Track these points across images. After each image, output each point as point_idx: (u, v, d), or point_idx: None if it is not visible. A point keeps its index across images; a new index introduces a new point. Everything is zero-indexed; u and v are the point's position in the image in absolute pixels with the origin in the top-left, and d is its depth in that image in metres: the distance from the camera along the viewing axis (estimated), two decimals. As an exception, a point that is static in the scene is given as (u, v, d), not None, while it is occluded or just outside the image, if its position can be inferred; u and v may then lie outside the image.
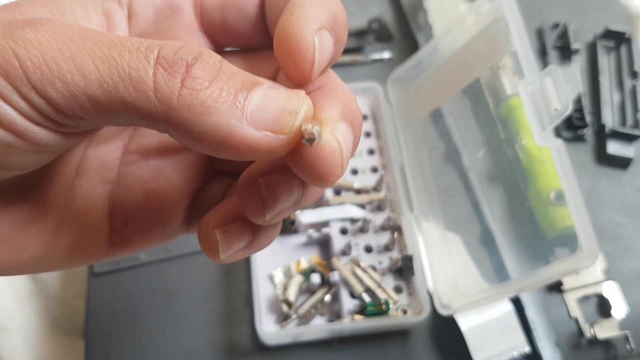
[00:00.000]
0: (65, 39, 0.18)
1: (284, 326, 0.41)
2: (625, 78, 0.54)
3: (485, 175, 0.47)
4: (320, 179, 0.19)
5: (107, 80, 0.17)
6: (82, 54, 0.18)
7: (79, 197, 0.23)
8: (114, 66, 0.18)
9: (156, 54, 0.18)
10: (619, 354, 0.43)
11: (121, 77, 0.17)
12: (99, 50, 0.18)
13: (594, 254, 0.33)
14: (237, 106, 0.18)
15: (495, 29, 0.41)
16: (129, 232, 0.24)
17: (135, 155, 0.24)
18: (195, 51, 0.18)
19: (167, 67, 0.18)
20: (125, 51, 0.18)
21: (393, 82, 0.49)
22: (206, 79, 0.18)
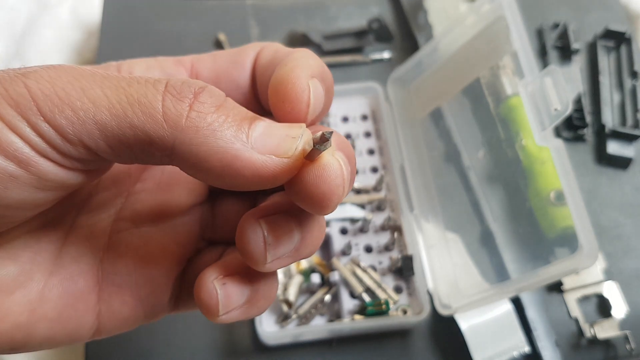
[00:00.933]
0: (75, 74, 0.18)
1: (284, 326, 0.41)
2: (625, 78, 0.54)
3: (485, 175, 0.47)
4: (322, 201, 0.19)
5: (115, 105, 0.18)
6: (91, 85, 0.18)
7: (67, 265, 0.22)
8: (123, 93, 0.18)
9: (164, 84, 0.19)
10: (619, 354, 0.43)
11: (130, 102, 0.18)
12: (108, 82, 0.18)
13: (594, 254, 0.33)
14: (242, 131, 0.18)
15: (495, 29, 0.41)
16: (117, 303, 0.23)
17: (127, 223, 0.24)
18: (202, 83, 0.19)
19: (175, 94, 0.18)
20: (134, 82, 0.19)
21: (393, 82, 0.49)
22: (213, 105, 0.19)
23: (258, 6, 0.57)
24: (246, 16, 0.56)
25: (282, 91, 0.21)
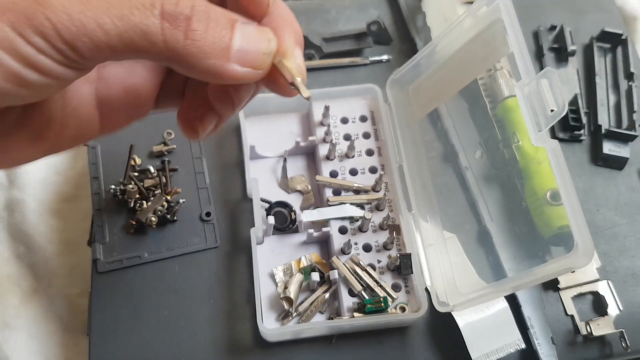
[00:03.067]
0: (84, 1, 0.22)
1: (284, 323, 0.42)
2: (621, 79, 0.55)
3: (483, 176, 0.48)
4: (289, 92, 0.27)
5: (124, 35, 0.22)
6: (101, 14, 0.22)
7: (72, 98, 0.28)
8: (129, 23, 0.23)
9: (159, 8, 0.23)
10: (614, 352, 0.44)
11: (136, 32, 0.23)
12: (113, 9, 0.22)
13: (589, 253, 0.33)
14: (226, 49, 0.24)
15: (492, 32, 0.42)
16: (114, 117, 0.30)
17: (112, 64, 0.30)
18: (190, 4, 0.24)
19: (171, 22, 0.23)
20: (134, 9, 0.23)
21: (392, 84, 0.50)
22: (202, 30, 0.24)
23: (259, 8, 0.57)
24: (247, 18, 0.56)
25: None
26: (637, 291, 0.46)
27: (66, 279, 0.49)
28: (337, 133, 0.49)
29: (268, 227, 0.44)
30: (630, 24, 0.62)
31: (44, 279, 0.49)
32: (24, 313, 0.47)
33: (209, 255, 0.45)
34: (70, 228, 0.50)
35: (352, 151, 0.48)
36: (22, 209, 0.51)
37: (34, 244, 0.50)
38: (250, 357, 0.42)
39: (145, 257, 0.44)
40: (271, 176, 0.48)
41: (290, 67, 0.26)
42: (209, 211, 0.46)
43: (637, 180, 0.51)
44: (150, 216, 0.44)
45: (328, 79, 0.54)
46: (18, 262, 0.49)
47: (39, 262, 0.49)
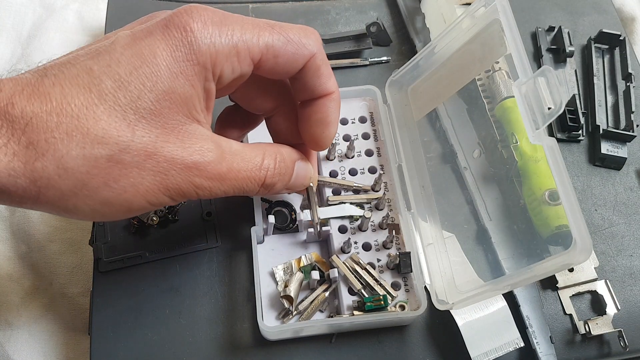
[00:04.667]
0: (221, 178, 0.34)
1: (284, 322, 0.42)
2: (619, 80, 0.55)
3: (481, 175, 0.48)
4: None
5: (231, 192, 0.34)
6: (229, 189, 0.34)
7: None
8: (239, 190, 0.34)
9: (262, 182, 0.35)
10: (612, 351, 0.44)
11: (239, 191, 0.34)
12: (237, 183, 0.34)
13: (587, 249, 0.33)
14: (285, 186, 0.38)
15: (490, 32, 0.42)
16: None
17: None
18: (278, 177, 0.36)
19: (265, 188, 0.36)
20: (248, 182, 0.34)
21: (391, 85, 0.50)
22: (278, 185, 0.37)
23: (259, 10, 0.58)
24: (247, 20, 0.57)
25: (318, 146, 0.40)
26: (635, 290, 0.46)
27: (68, 278, 0.49)
28: (336, 134, 0.49)
29: (268, 226, 0.45)
30: (628, 25, 0.63)
31: (46, 278, 0.49)
32: (25, 312, 0.47)
33: (210, 254, 0.45)
34: (72, 227, 0.51)
35: (352, 151, 0.48)
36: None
37: (35, 243, 0.50)
38: (250, 355, 0.42)
39: (146, 256, 0.44)
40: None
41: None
42: (209, 211, 0.46)
43: (635, 180, 0.51)
44: (152, 216, 0.44)
45: (328, 80, 0.54)
46: (20, 261, 0.49)
47: (41, 261, 0.49)
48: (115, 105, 0.28)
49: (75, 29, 0.60)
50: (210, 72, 0.31)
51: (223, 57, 0.31)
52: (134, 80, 0.29)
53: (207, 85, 0.31)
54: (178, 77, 0.30)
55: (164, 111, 0.30)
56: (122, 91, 0.29)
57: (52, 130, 0.27)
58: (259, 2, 0.58)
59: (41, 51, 0.57)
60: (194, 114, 0.31)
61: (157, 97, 0.29)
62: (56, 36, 0.58)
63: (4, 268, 0.49)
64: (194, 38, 0.30)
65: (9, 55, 0.58)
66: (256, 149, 0.35)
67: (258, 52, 0.33)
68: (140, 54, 0.29)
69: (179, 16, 0.30)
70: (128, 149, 0.29)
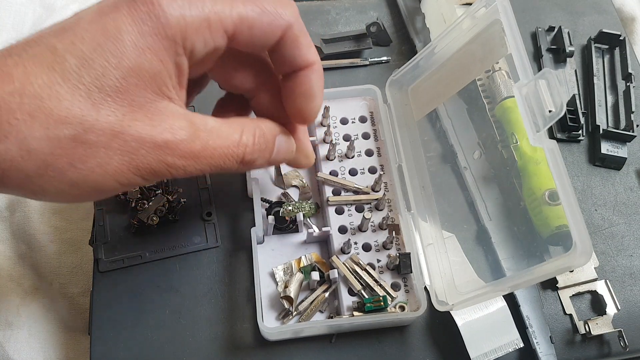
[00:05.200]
0: (194, 156, 0.32)
1: (284, 322, 0.42)
2: (619, 80, 0.55)
3: (481, 176, 0.48)
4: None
5: (208, 170, 0.32)
6: (205, 166, 0.32)
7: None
8: (217, 167, 0.32)
9: (241, 159, 0.33)
10: (612, 351, 0.44)
11: (217, 169, 0.32)
12: (213, 160, 0.32)
13: (588, 252, 0.33)
14: (267, 161, 0.36)
15: (491, 33, 0.42)
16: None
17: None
18: (258, 153, 0.35)
19: (244, 164, 0.34)
20: (226, 159, 0.32)
21: (391, 85, 0.50)
22: (259, 161, 0.35)
23: (259, 10, 0.57)
24: (247, 20, 0.57)
25: (304, 119, 0.37)
26: (635, 290, 0.46)
27: (68, 278, 0.49)
28: (336, 133, 0.49)
29: (268, 226, 0.45)
30: (627, 25, 0.63)
31: (46, 278, 0.49)
32: (25, 312, 0.48)
33: (210, 254, 0.45)
34: (72, 227, 0.51)
35: (352, 151, 0.48)
36: (24, 208, 0.51)
37: (35, 244, 0.50)
38: (250, 355, 0.42)
39: (146, 256, 0.44)
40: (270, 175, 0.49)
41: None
42: (209, 211, 0.46)
43: (635, 180, 0.51)
44: (152, 216, 0.44)
45: (328, 79, 0.54)
46: (20, 262, 0.49)
47: (41, 261, 0.49)
48: (79, 84, 0.28)
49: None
50: (180, 46, 0.30)
51: (193, 30, 0.30)
52: (98, 58, 0.28)
53: (178, 60, 0.30)
54: (145, 53, 0.29)
55: (130, 88, 0.29)
56: (86, 69, 0.28)
57: (14, 111, 0.27)
58: (259, 2, 0.58)
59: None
60: (164, 91, 0.30)
61: (123, 74, 0.28)
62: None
63: (4, 268, 0.49)
64: (161, 11, 0.29)
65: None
66: (234, 124, 0.34)
67: (231, 24, 0.31)
68: (105, 30, 0.28)
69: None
70: (93, 128, 0.28)
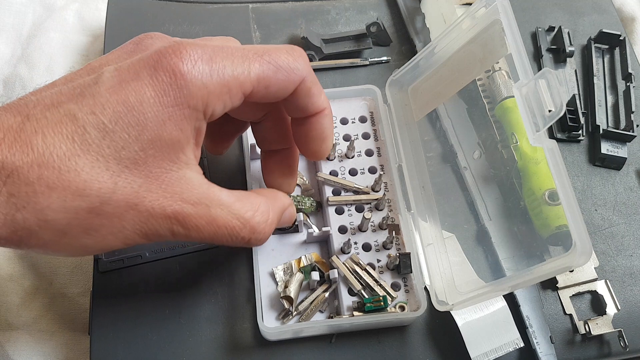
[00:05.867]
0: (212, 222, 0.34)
1: (284, 322, 0.42)
2: (619, 80, 0.55)
3: (481, 176, 0.48)
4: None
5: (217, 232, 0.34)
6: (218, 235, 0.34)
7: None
8: (223, 242, 0.35)
9: (249, 229, 0.35)
10: (612, 351, 0.44)
11: (222, 243, 0.35)
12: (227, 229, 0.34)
13: (587, 252, 0.33)
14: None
15: (490, 33, 0.42)
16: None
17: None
18: (273, 226, 0.37)
19: (251, 244, 0.36)
20: (232, 238, 0.34)
21: (391, 85, 0.50)
22: (264, 238, 0.36)
23: (260, 10, 0.57)
24: (248, 20, 0.57)
25: (317, 157, 0.40)
26: (635, 290, 0.46)
27: (68, 278, 0.49)
28: (336, 133, 0.49)
29: (268, 226, 0.45)
30: (628, 25, 0.63)
31: (46, 278, 0.49)
32: (25, 312, 0.47)
33: (210, 254, 0.45)
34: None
35: (352, 151, 0.48)
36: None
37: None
38: (250, 355, 0.42)
39: (146, 256, 0.44)
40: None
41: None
42: (209, 211, 0.46)
43: (635, 180, 0.51)
44: (152, 216, 0.44)
45: (328, 79, 0.54)
46: (20, 261, 0.49)
47: (41, 261, 0.49)
48: (98, 156, 0.28)
49: (75, 29, 0.60)
50: (201, 113, 0.30)
51: (215, 97, 0.30)
52: (119, 130, 0.28)
53: (197, 125, 0.31)
54: (166, 124, 0.29)
55: (149, 160, 0.29)
56: (107, 141, 0.28)
57: (33, 183, 0.27)
58: (259, 2, 0.58)
59: (41, 51, 0.57)
60: (181, 158, 0.31)
61: (142, 146, 0.29)
62: (56, 36, 0.58)
63: (4, 268, 0.49)
64: (184, 82, 0.29)
65: (9, 55, 0.57)
66: (247, 203, 0.34)
67: (250, 86, 0.32)
68: (126, 101, 0.28)
69: (167, 57, 0.29)
70: (110, 200, 0.29)
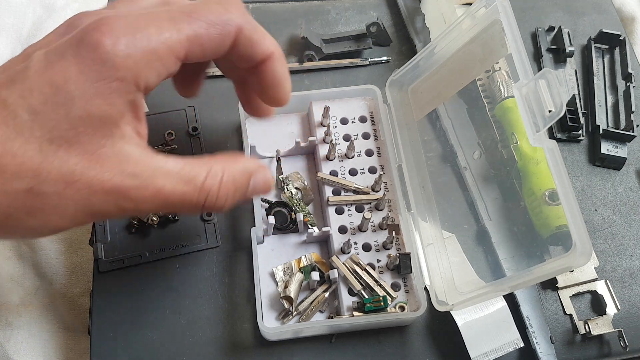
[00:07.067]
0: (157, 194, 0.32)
1: (284, 322, 0.42)
2: (619, 80, 0.55)
3: (481, 176, 0.48)
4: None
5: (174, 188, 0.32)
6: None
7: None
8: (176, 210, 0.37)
9: (200, 192, 0.32)
10: (612, 351, 0.44)
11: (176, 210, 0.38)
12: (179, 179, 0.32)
13: (587, 252, 0.33)
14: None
15: (491, 33, 0.42)
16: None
17: None
18: (234, 191, 0.34)
19: (208, 208, 0.33)
20: (184, 204, 0.32)
21: (391, 85, 0.50)
22: (228, 204, 0.34)
23: (259, 10, 0.58)
24: (247, 20, 0.57)
25: (278, 103, 0.37)
26: (634, 290, 0.46)
27: (68, 278, 0.49)
28: (337, 133, 0.49)
29: (268, 226, 0.45)
30: (628, 25, 0.63)
31: (46, 278, 0.49)
32: (25, 312, 0.47)
33: (210, 254, 0.45)
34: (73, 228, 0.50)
35: (352, 151, 0.48)
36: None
37: (36, 244, 0.50)
38: (250, 355, 0.42)
39: (146, 256, 0.44)
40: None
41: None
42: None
43: (635, 180, 0.51)
44: (152, 216, 0.44)
45: (328, 79, 0.54)
46: (20, 262, 0.49)
47: (41, 261, 0.49)
48: (31, 138, 0.28)
49: (75, 28, 0.60)
50: (132, 84, 0.30)
51: (143, 66, 0.30)
52: (48, 110, 0.28)
53: (131, 98, 0.30)
54: (93, 100, 0.29)
55: (81, 137, 0.29)
56: (37, 123, 0.29)
57: None
58: (259, 2, 0.58)
59: (41, 51, 0.57)
60: (115, 132, 0.30)
61: (72, 124, 0.29)
62: (56, 36, 0.58)
63: (4, 268, 0.49)
64: (106, 55, 0.29)
65: (9, 55, 0.57)
66: (197, 167, 0.33)
67: (182, 49, 0.31)
68: (53, 81, 0.29)
69: (88, 33, 0.29)
70: (46, 180, 0.29)
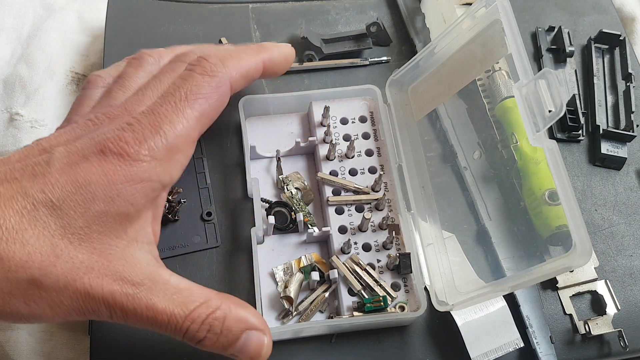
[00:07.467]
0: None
1: (284, 322, 0.42)
2: (619, 80, 0.55)
3: (481, 176, 0.48)
4: None
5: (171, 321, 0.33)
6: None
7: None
8: (161, 331, 0.33)
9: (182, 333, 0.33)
10: (612, 351, 0.44)
11: (161, 331, 0.33)
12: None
13: (587, 253, 0.33)
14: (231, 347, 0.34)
15: (491, 33, 0.42)
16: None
17: None
18: (219, 333, 0.33)
19: (189, 339, 0.34)
20: (168, 327, 0.33)
21: (391, 85, 0.50)
22: (209, 344, 0.34)
23: (259, 10, 0.57)
24: (248, 20, 0.57)
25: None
26: (635, 290, 0.46)
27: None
28: (336, 133, 0.49)
29: (268, 226, 0.45)
30: (628, 25, 0.63)
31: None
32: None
33: (210, 254, 0.45)
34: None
35: (352, 151, 0.48)
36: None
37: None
38: (250, 355, 0.42)
39: (146, 256, 0.44)
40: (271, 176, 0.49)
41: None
42: (209, 211, 0.46)
43: (635, 180, 0.51)
44: (152, 216, 0.44)
45: (328, 79, 0.54)
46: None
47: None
48: (44, 231, 0.29)
49: (75, 29, 0.60)
50: (157, 182, 0.32)
51: (167, 163, 0.32)
52: (67, 207, 0.30)
53: (155, 195, 0.32)
54: (114, 200, 0.30)
55: (93, 235, 0.30)
56: (54, 218, 0.29)
57: None
58: (259, 2, 0.58)
59: (41, 51, 0.57)
60: (129, 233, 0.32)
61: (88, 222, 0.30)
62: (56, 36, 0.58)
63: (4, 268, 0.49)
64: (132, 161, 0.31)
65: (9, 55, 0.57)
66: (199, 294, 0.34)
67: (196, 133, 0.34)
68: (75, 181, 0.30)
69: (113, 142, 0.31)
70: (50, 274, 0.29)
